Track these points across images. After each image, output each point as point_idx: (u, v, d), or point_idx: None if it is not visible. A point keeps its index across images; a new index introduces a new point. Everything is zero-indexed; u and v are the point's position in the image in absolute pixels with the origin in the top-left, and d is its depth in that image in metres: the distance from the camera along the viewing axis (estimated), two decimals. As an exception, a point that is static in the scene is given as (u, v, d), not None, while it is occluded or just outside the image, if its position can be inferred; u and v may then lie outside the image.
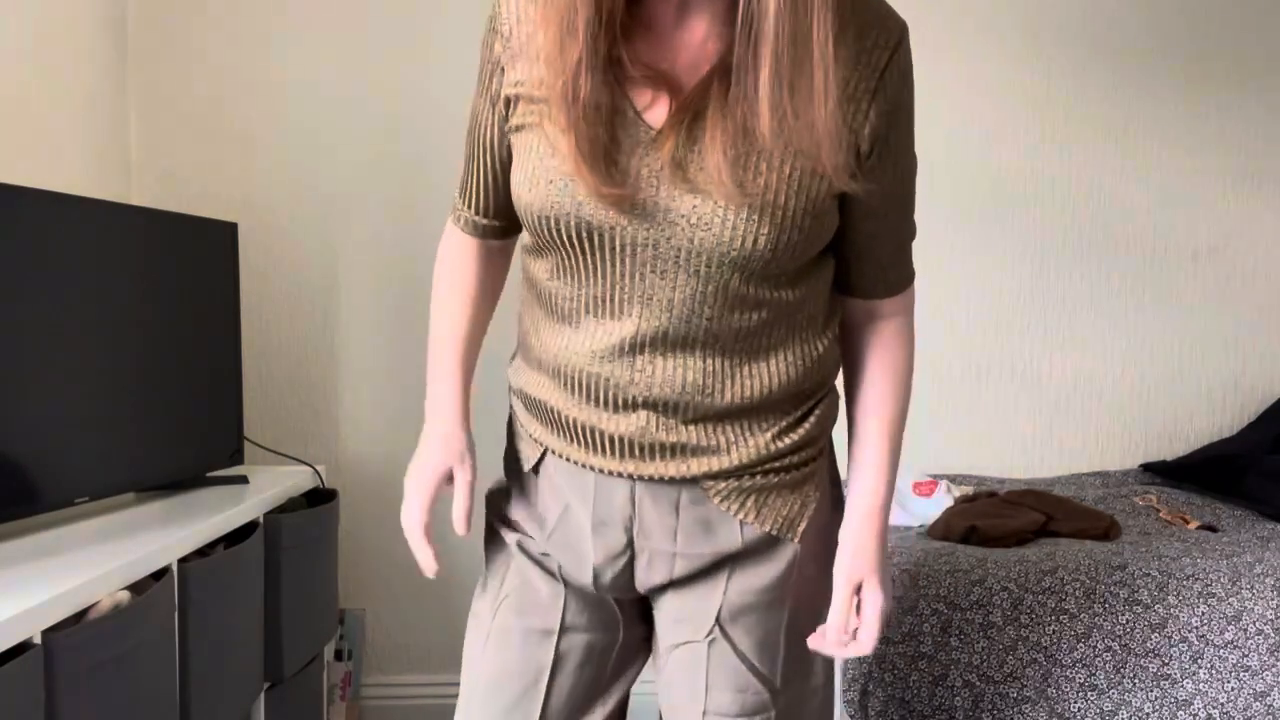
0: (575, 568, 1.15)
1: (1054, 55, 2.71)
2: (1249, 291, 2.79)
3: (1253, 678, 1.80)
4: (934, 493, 2.37)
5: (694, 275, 1.01)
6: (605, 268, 1.03)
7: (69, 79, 2.32)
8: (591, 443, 1.10)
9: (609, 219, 1.00)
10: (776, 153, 0.97)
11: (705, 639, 1.12)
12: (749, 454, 1.08)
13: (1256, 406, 2.79)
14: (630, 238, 1.01)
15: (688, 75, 1.00)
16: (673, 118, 0.98)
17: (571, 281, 1.06)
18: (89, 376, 1.82)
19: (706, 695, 1.13)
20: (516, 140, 1.06)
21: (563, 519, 1.15)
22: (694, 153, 0.98)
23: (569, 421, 1.11)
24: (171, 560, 1.70)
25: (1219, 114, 2.75)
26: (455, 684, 2.71)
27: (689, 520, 1.10)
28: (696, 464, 1.08)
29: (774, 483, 1.10)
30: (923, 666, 1.80)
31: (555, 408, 1.11)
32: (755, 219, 0.98)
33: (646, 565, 1.12)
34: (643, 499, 1.10)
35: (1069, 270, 2.75)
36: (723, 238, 0.98)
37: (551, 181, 1.01)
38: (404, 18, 2.61)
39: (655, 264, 1.01)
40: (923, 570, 1.92)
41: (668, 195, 0.99)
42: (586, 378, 1.07)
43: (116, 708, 1.47)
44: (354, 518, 2.68)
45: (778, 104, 0.93)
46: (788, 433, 1.10)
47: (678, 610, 1.14)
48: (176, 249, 2.07)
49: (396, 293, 2.64)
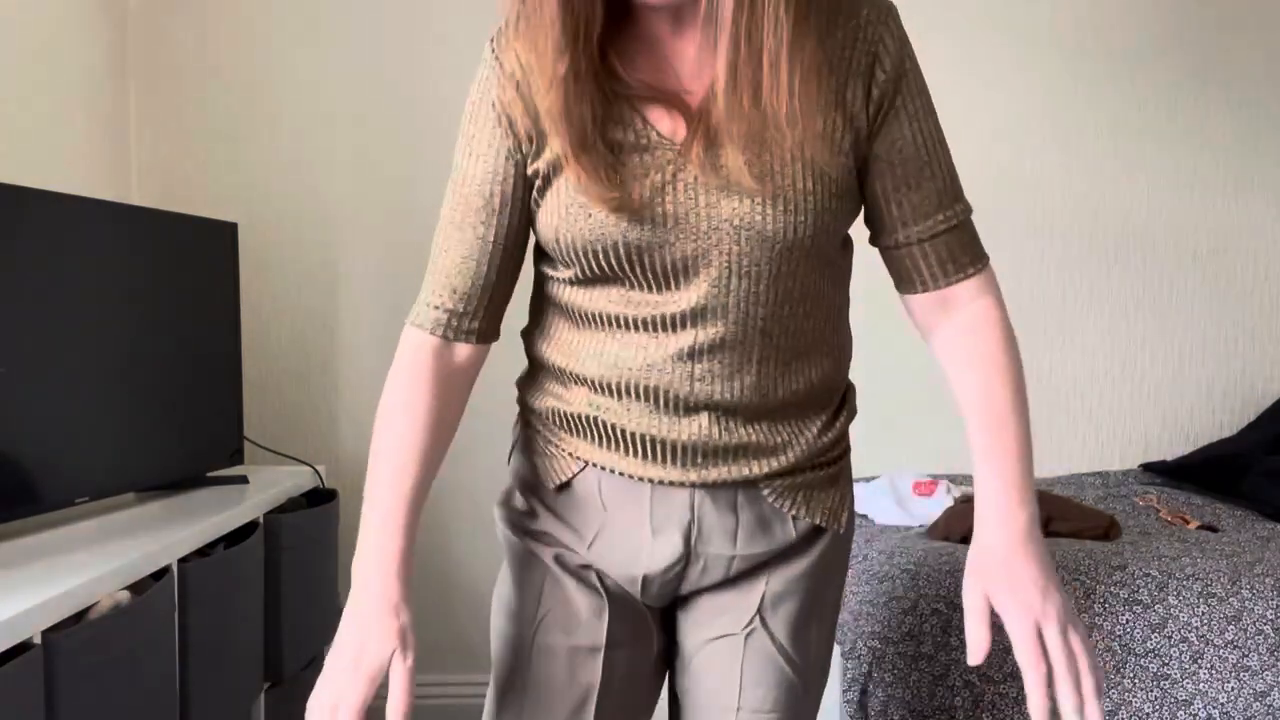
0: (622, 577, 1.13)
1: (1054, 55, 2.71)
2: (1249, 292, 2.79)
3: (1253, 678, 1.80)
4: (934, 493, 2.37)
5: (745, 277, 1.03)
6: (660, 284, 1.04)
7: (69, 79, 2.32)
8: (651, 453, 1.09)
9: (656, 238, 1.02)
10: (784, 143, 0.99)
11: (744, 630, 1.13)
12: (802, 450, 1.11)
13: (1256, 406, 2.78)
14: (681, 252, 1.02)
15: (692, 85, 1.02)
16: (692, 130, 1.00)
17: (623, 303, 1.06)
18: (89, 376, 1.82)
19: (741, 690, 1.13)
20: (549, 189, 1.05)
21: (606, 530, 1.13)
22: (718, 158, 1.00)
23: (624, 434, 1.09)
24: (171, 560, 1.70)
25: (1220, 114, 2.75)
26: (455, 684, 2.72)
27: (748, 520, 1.11)
28: (757, 465, 1.09)
29: (819, 477, 1.13)
30: (923, 666, 1.80)
31: (607, 421, 1.09)
32: (791, 209, 1.00)
33: (701, 571, 1.12)
34: (703, 504, 1.10)
35: (1069, 270, 2.75)
36: (766, 233, 1.01)
37: (591, 215, 1.01)
38: (405, 18, 2.61)
39: (708, 272, 1.02)
40: (923, 570, 1.92)
41: (706, 204, 1.01)
42: (644, 390, 1.07)
43: (116, 708, 1.47)
44: (354, 518, 2.66)
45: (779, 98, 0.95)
46: (829, 428, 1.14)
47: (715, 606, 1.14)
48: (176, 249, 2.07)
49: (396, 292, 2.64)
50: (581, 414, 1.11)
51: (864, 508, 2.37)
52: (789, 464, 1.10)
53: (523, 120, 1.04)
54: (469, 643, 2.74)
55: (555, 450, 1.15)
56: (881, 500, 2.37)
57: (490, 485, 2.80)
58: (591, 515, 1.13)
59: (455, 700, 2.72)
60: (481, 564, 2.73)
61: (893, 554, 2.02)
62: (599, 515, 1.13)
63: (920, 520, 2.28)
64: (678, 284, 1.03)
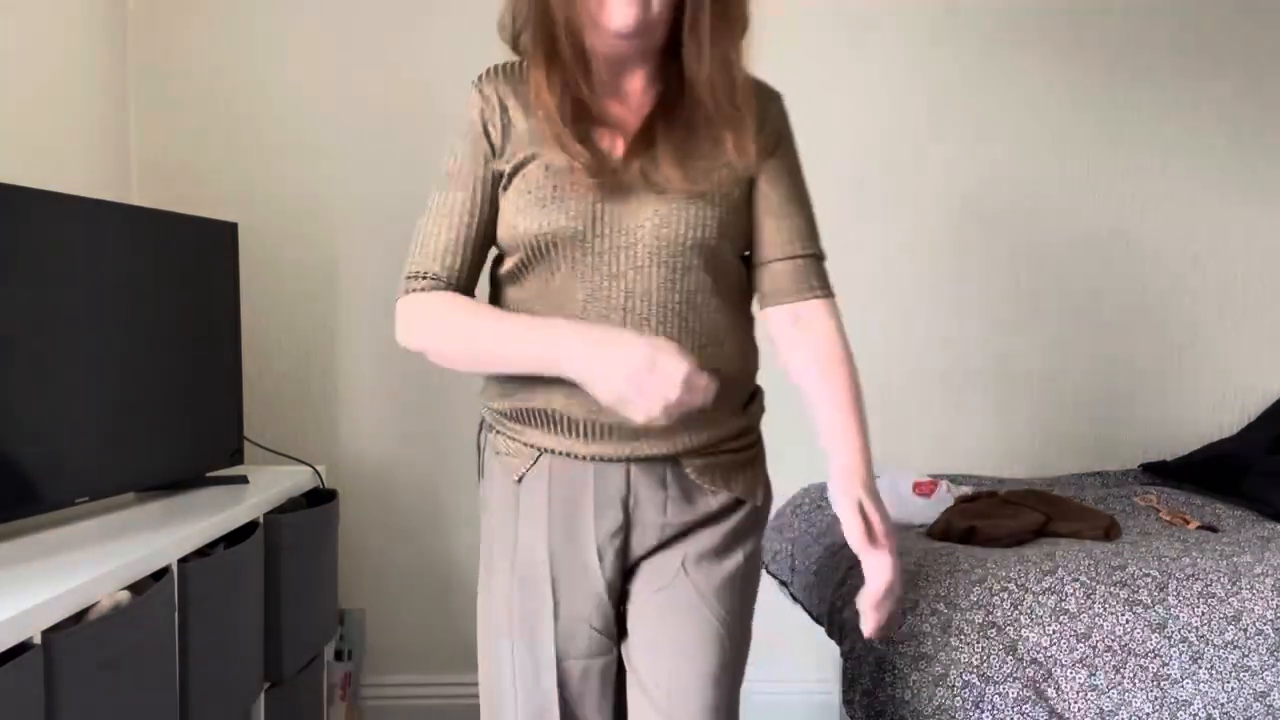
0: (577, 557, 1.35)
1: (1052, 56, 2.71)
2: (1249, 292, 2.79)
3: (1253, 678, 1.80)
4: (934, 493, 2.37)
5: (664, 265, 1.29)
6: (592, 272, 1.29)
7: (69, 79, 2.32)
8: (593, 433, 1.31)
9: (594, 228, 1.29)
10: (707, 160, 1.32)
11: (671, 581, 1.36)
12: (717, 432, 1.35)
13: (1256, 406, 2.79)
14: (609, 244, 1.29)
15: (636, 115, 1.34)
16: (632, 145, 1.31)
17: (562, 294, 1.30)
18: (89, 376, 1.82)
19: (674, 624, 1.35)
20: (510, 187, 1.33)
21: (559, 514, 1.35)
22: (653, 167, 1.30)
23: (571, 420, 1.31)
24: (171, 560, 1.70)
25: (1219, 115, 2.75)
26: (455, 684, 2.72)
27: (675, 493, 1.35)
28: (680, 440, 1.32)
29: (734, 460, 1.38)
30: (923, 666, 1.80)
31: (556, 409, 1.31)
32: (704, 208, 1.30)
33: (640, 536, 1.35)
34: (637, 479, 1.33)
35: (1068, 270, 2.75)
36: (680, 228, 1.29)
37: (544, 205, 1.29)
38: (404, 18, 2.61)
39: (632, 261, 1.29)
40: (923, 570, 1.92)
41: (637, 203, 1.30)
42: None
43: (116, 708, 1.47)
44: (354, 518, 2.68)
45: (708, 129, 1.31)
46: (739, 415, 1.39)
47: (652, 567, 1.37)
48: (176, 249, 2.07)
49: (396, 292, 2.64)
50: (534, 407, 1.33)
51: (864, 508, 2.37)
52: (705, 442, 1.34)
53: (495, 134, 1.34)
54: (469, 643, 2.73)
55: (515, 445, 1.37)
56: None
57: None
58: (542, 506, 1.35)
59: (455, 700, 2.73)
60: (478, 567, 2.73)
61: (893, 554, 2.02)
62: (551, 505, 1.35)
63: (920, 520, 2.28)
64: (609, 269, 1.29)
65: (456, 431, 2.69)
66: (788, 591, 2.46)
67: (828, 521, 2.35)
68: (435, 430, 2.68)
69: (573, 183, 1.28)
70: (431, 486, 2.70)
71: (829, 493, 1.35)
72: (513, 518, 1.37)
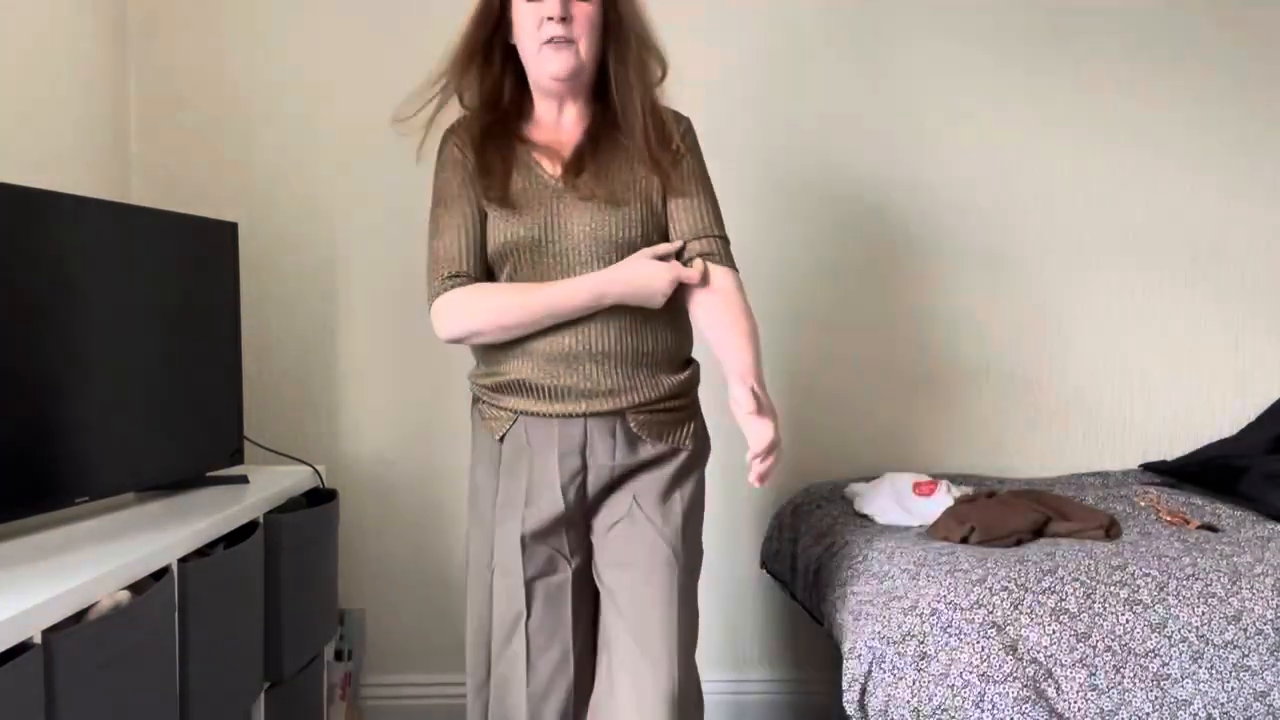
0: (547, 497, 1.70)
1: (1053, 56, 2.71)
2: (1249, 292, 2.79)
3: (1253, 678, 1.80)
4: (934, 493, 2.37)
5: (601, 259, 1.68)
6: (551, 270, 1.68)
7: (69, 79, 2.32)
8: (557, 395, 1.68)
9: (545, 236, 1.68)
10: (629, 176, 1.72)
11: (626, 513, 1.72)
12: (655, 392, 1.71)
13: (1256, 406, 2.79)
14: (560, 247, 1.68)
15: (569, 141, 1.73)
16: (566, 170, 1.70)
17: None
18: (89, 376, 1.82)
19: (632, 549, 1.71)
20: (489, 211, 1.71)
21: (533, 465, 1.71)
22: (585, 184, 1.68)
23: (540, 386, 1.69)
24: (171, 560, 1.70)
25: (1219, 114, 2.75)
26: (455, 683, 2.71)
27: (621, 442, 1.71)
28: (625, 398, 1.69)
29: (669, 418, 1.74)
30: (923, 666, 1.80)
31: (528, 379, 1.69)
32: (628, 214, 1.69)
33: (594, 477, 1.72)
34: (592, 431, 1.70)
35: (1068, 270, 2.75)
36: (612, 231, 1.68)
37: (508, 222, 1.69)
38: (404, 18, 2.61)
39: (579, 258, 1.68)
40: (923, 570, 1.92)
41: (577, 214, 1.68)
42: (549, 350, 1.67)
43: (116, 708, 1.47)
44: (354, 518, 2.68)
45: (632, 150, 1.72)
46: (674, 380, 1.73)
47: (608, 507, 1.74)
48: (176, 249, 2.07)
49: (396, 292, 2.64)
50: (513, 378, 1.70)
51: (864, 508, 2.37)
52: (645, 400, 1.70)
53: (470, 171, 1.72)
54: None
55: (497, 411, 1.74)
56: (881, 500, 2.37)
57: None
58: (520, 459, 1.72)
59: (455, 700, 2.73)
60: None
61: (893, 554, 2.02)
62: (526, 456, 1.71)
63: (920, 520, 2.28)
64: (562, 267, 1.67)
65: (456, 431, 2.69)
66: (788, 591, 2.46)
67: (828, 522, 2.35)
68: (435, 430, 2.68)
69: (526, 201, 1.68)
70: (432, 486, 2.70)
71: (729, 389, 1.67)
72: (494, 469, 1.74)
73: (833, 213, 2.71)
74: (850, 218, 2.71)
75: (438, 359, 2.66)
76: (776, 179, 2.68)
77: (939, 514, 2.25)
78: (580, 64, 1.67)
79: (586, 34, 1.67)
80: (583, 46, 1.67)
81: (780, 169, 2.68)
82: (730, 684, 2.77)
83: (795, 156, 2.70)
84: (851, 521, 2.31)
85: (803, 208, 2.69)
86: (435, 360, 2.66)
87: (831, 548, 2.21)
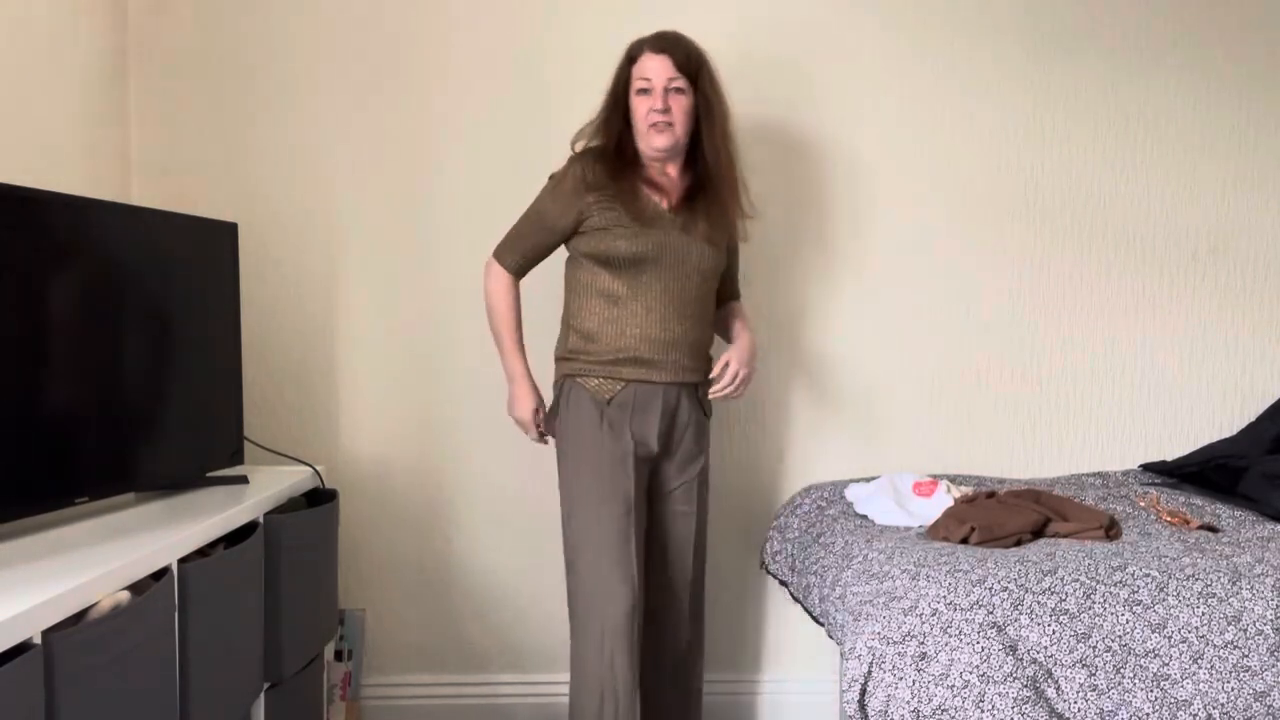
0: (644, 444, 2.21)
1: (1053, 54, 2.71)
2: (1249, 292, 2.79)
3: (1253, 678, 1.80)
4: (934, 493, 2.37)
5: (697, 275, 2.23)
6: (661, 278, 2.19)
7: (69, 78, 2.32)
8: (659, 369, 2.20)
9: (661, 254, 2.18)
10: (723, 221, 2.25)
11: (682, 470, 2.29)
12: (702, 373, 2.28)
13: (1256, 406, 2.79)
14: (670, 261, 2.19)
15: (671, 189, 2.23)
16: (674, 209, 2.22)
17: (646, 290, 2.19)
18: (89, 376, 1.82)
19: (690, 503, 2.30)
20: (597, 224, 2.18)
21: (636, 418, 2.20)
22: (691, 221, 2.21)
23: (648, 360, 2.19)
24: (171, 560, 1.70)
25: (1220, 113, 2.75)
26: (455, 684, 2.72)
27: (687, 405, 2.26)
28: (692, 375, 2.25)
29: (701, 392, 2.29)
30: (923, 667, 1.80)
31: (639, 355, 2.19)
32: (718, 251, 2.26)
33: (680, 431, 2.26)
34: (680, 396, 2.24)
35: (1069, 270, 2.75)
36: (705, 261, 2.23)
37: (636, 236, 2.16)
38: (405, 19, 2.61)
39: (680, 273, 2.21)
40: (923, 571, 1.92)
41: (684, 243, 2.20)
42: (657, 335, 2.19)
43: (116, 708, 1.47)
44: (354, 518, 2.68)
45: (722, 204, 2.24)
46: (706, 365, 2.29)
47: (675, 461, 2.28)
48: (176, 249, 2.07)
49: (396, 292, 2.64)
50: (628, 355, 2.19)
51: (864, 508, 2.37)
52: (699, 378, 2.27)
53: (590, 192, 2.18)
54: (469, 643, 2.74)
55: (608, 379, 2.21)
56: (881, 500, 2.37)
57: (488, 494, 2.81)
58: (623, 415, 2.20)
59: (455, 700, 2.73)
60: (480, 567, 2.73)
61: (893, 554, 2.02)
62: (628, 412, 2.20)
63: (920, 520, 2.28)
64: (670, 276, 2.20)
65: (456, 431, 2.69)
66: (788, 591, 2.46)
67: (828, 522, 2.35)
68: (435, 430, 2.68)
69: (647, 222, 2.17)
70: (432, 486, 2.70)
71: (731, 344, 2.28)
72: (599, 424, 2.19)
73: (833, 213, 2.71)
74: (850, 217, 2.71)
75: (438, 359, 2.66)
76: (779, 179, 2.68)
77: (939, 514, 2.25)
78: (676, 140, 2.18)
79: (680, 120, 2.16)
80: (679, 128, 2.17)
81: (782, 169, 2.69)
82: (730, 684, 2.77)
83: (810, 159, 2.70)
84: (851, 522, 2.31)
85: (801, 206, 2.70)
86: (435, 360, 2.66)
87: (831, 548, 2.21)
